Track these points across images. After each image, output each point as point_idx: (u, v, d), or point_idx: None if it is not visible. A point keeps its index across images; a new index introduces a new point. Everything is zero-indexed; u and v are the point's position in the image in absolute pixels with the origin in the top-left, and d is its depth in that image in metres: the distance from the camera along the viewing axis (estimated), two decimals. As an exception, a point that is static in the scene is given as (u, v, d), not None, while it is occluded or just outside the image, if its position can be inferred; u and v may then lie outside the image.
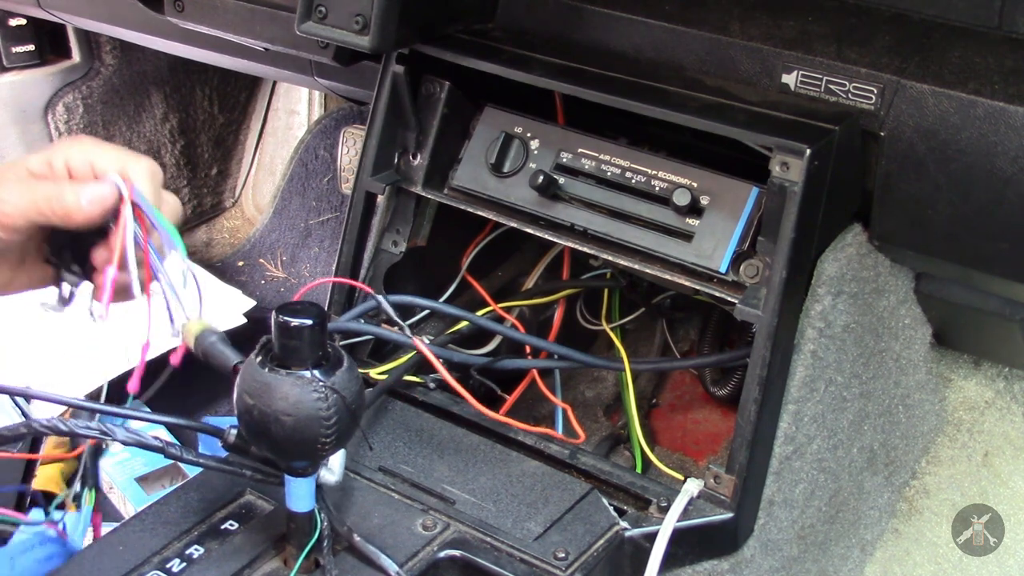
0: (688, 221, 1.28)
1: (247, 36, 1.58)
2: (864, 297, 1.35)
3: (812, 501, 1.38)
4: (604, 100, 1.28)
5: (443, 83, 1.41)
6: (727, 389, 1.70)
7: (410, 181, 1.44)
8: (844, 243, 1.30)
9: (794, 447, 1.31)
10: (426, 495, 1.21)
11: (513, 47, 1.38)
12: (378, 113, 1.42)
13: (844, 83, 1.24)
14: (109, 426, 1.00)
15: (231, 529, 1.13)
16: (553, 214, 1.35)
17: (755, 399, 1.23)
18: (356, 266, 1.46)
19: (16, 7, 2.16)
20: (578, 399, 1.75)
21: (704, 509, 1.24)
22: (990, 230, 1.23)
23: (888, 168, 1.25)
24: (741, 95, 1.28)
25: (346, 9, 1.29)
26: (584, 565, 1.15)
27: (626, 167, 1.33)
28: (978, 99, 1.17)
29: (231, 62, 1.91)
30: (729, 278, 1.26)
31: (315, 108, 2.56)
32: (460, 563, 1.15)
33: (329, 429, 0.96)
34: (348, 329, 1.38)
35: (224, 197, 2.72)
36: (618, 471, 1.28)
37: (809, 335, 1.27)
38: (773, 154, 1.19)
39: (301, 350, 0.96)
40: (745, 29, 1.30)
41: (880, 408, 1.48)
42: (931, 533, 1.64)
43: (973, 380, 1.67)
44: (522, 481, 1.25)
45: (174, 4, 1.59)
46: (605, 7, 1.37)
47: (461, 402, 1.35)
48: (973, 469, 1.65)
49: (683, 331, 1.83)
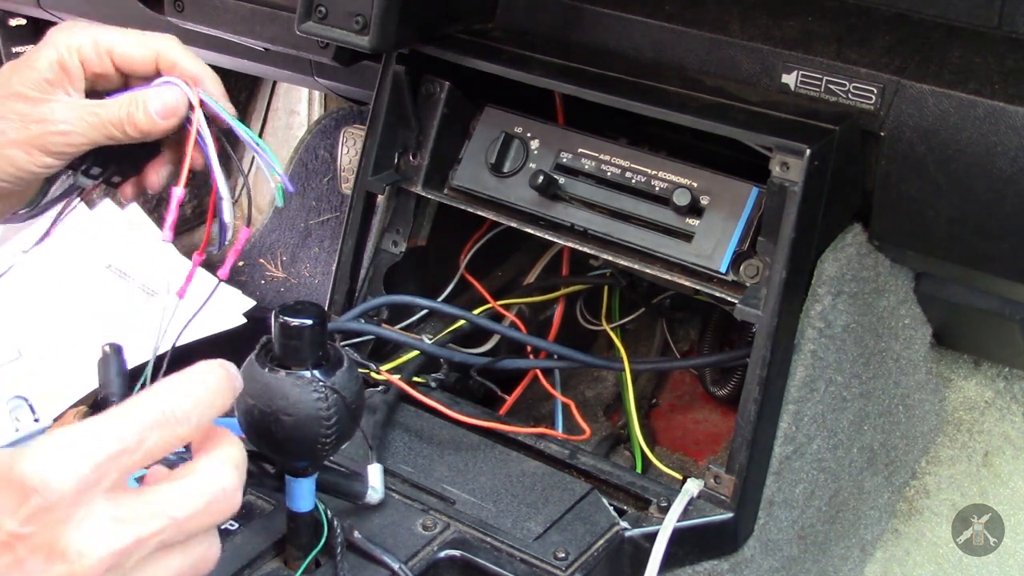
0: (688, 221, 1.28)
1: (247, 36, 1.58)
2: (864, 297, 1.35)
3: (812, 501, 1.38)
4: (604, 100, 1.28)
5: (443, 83, 1.41)
6: (727, 389, 1.70)
7: (410, 181, 1.44)
8: (844, 243, 1.30)
9: (794, 447, 1.31)
10: (426, 495, 1.21)
11: (513, 47, 1.38)
12: (378, 113, 1.42)
13: (844, 83, 1.24)
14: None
15: (231, 529, 1.13)
16: (553, 214, 1.35)
17: (755, 399, 1.23)
18: (356, 266, 1.46)
19: (16, 7, 2.16)
20: (578, 399, 1.75)
21: (704, 509, 1.24)
22: (990, 230, 1.23)
23: (888, 168, 1.25)
24: (741, 95, 1.28)
25: (346, 9, 1.29)
26: (584, 565, 1.15)
27: (626, 167, 1.33)
28: (978, 99, 1.17)
29: (231, 62, 1.90)
30: (729, 278, 1.26)
31: (315, 108, 2.56)
32: (460, 563, 1.15)
33: (329, 429, 0.96)
34: (348, 329, 1.38)
35: (224, 197, 2.71)
36: (618, 471, 1.28)
37: (809, 335, 1.27)
38: (773, 154, 1.19)
39: (301, 350, 0.96)
40: (745, 29, 1.30)
41: (880, 408, 1.48)
42: (931, 533, 1.64)
43: (973, 380, 1.67)
44: (522, 481, 1.25)
45: (174, 4, 1.59)
46: (605, 7, 1.37)
47: (461, 402, 1.35)
48: (973, 469, 1.65)
49: (683, 331, 1.83)
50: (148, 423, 0.73)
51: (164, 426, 0.73)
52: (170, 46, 1.05)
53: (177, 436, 0.74)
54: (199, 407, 0.75)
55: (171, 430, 0.74)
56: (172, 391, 0.75)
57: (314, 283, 2.41)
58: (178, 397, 0.75)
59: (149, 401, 0.74)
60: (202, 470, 0.76)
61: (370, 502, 1.16)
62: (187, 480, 0.75)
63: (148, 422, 0.73)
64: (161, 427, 0.73)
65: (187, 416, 0.74)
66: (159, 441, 0.73)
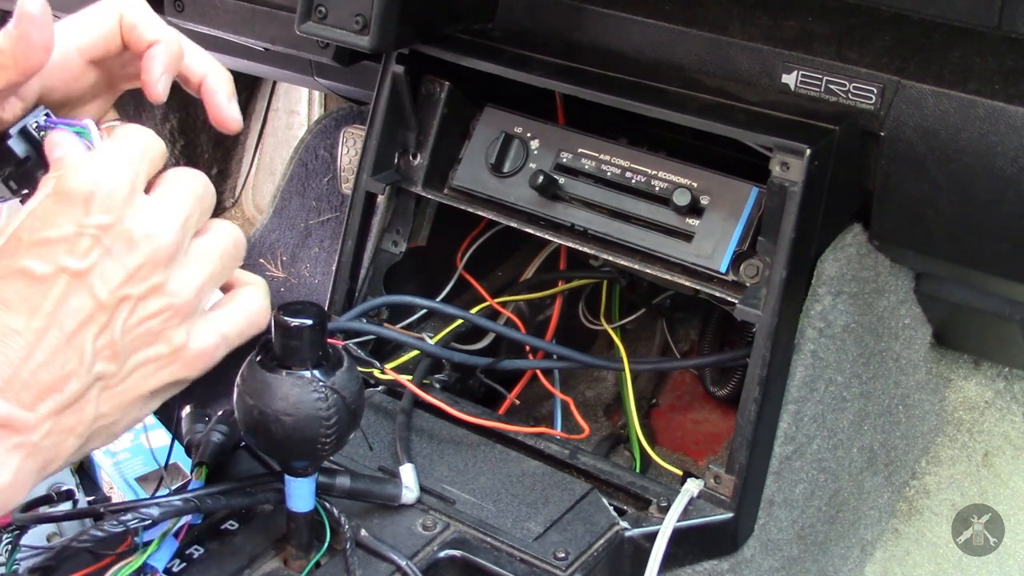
0: (688, 221, 1.28)
1: (247, 36, 1.58)
2: (864, 297, 1.35)
3: (812, 501, 1.38)
4: (604, 100, 1.28)
5: (443, 83, 1.41)
6: (727, 389, 1.70)
7: (410, 181, 1.44)
8: (844, 243, 1.30)
9: (794, 447, 1.31)
10: (426, 495, 1.21)
11: (513, 47, 1.38)
12: (378, 113, 1.42)
13: (844, 83, 1.24)
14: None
15: (231, 529, 1.13)
16: (553, 214, 1.35)
17: (755, 399, 1.23)
18: (356, 266, 1.46)
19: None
20: (578, 399, 1.75)
21: (704, 509, 1.24)
22: (990, 230, 1.23)
23: (888, 168, 1.25)
24: (741, 95, 1.28)
25: (346, 9, 1.29)
26: (584, 565, 1.15)
27: (626, 167, 1.33)
28: (978, 99, 1.17)
29: (231, 62, 1.90)
30: (729, 278, 1.26)
31: (315, 108, 2.56)
32: (460, 563, 1.15)
33: (329, 429, 0.96)
34: (349, 329, 1.38)
35: (224, 197, 2.72)
36: (618, 471, 1.28)
37: (809, 335, 1.27)
38: (773, 154, 1.19)
39: (301, 350, 0.96)
40: (745, 29, 1.30)
41: (880, 408, 1.48)
42: (931, 533, 1.64)
43: (973, 380, 1.67)
44: (522, 481, 1.25)
45: (174, 4, 1.59)
46: (605, 7, 1.37)
47: (461, 402, 1.35)
48: (973, 469, 1.65)
49: (683, 331, 1.83)
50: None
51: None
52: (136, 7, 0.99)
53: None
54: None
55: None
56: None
57: (314, 283, 2.41)
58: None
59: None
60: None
61: (406, 502, 1.17)
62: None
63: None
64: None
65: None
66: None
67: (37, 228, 0.81)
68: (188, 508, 1.04)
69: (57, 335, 0.80)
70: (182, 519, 1.08)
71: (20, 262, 0.81)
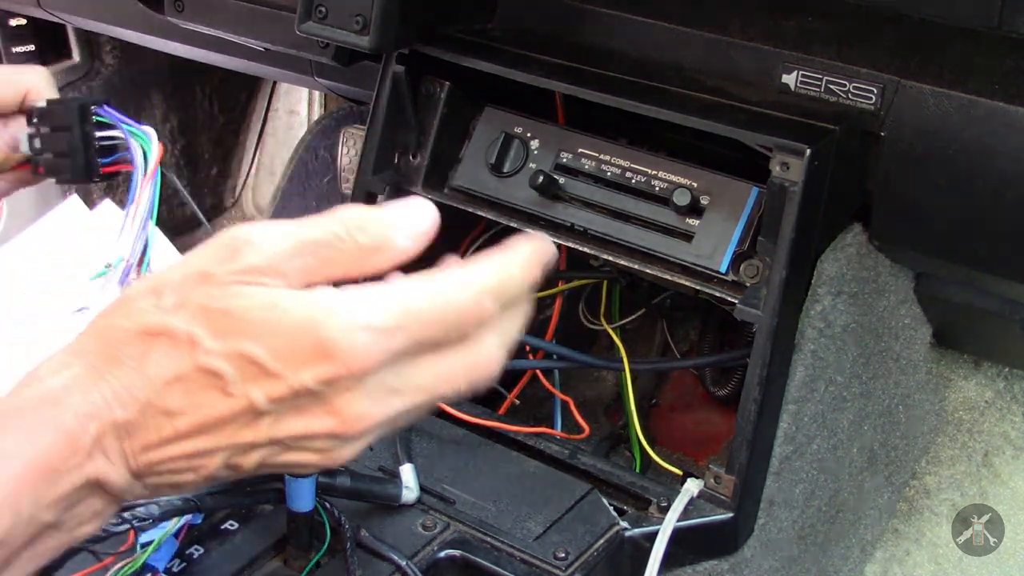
0: (688, 221, 1.28)
1: (247, 36, 1.58)
2: (864, 297, 1.35)
3: (812, 501, 1.38)
4: (604, 100, 1.28)
5: (443, 83, 1.41)
6: (727, 389, 1.70)
7: (410, 181, 1.44)
8: (844, 243, 1.30)
9: (794, 447, 1.31)
10: (426, 495, 1.21)
11: (513, 47, 1.38)
12: (378, 113, 1.42)
13: (844, 83, 1.24)
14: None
15: (231, 529, 1.13)
16: (553, 214, 1.35)
17: (755, 399, 1.23)
18: (356, 266, 1.46)
19: (16, 7, 2.15)
20: (578, 399, 1.75)
21: (704, 509, 1.24)
22: (990, 230, 1.23)
23: (888, 168, 1.25)
24: (741, 95, 1.28)
25: (346, 9, 1.29)
26: (584, 565, 1.15)
27: (626, 167, 1.33)
28: (978, 99, 1.17)
29: (231, 62, 1.91)
30: (729, 278, 1.26)
31: (315, 108, 2.56)
32: (460, 563, 1.15)
33: (329, 429, 0.96)
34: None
35: (224, 197, 2.72)
36: (618, 471, 1.28)
37: (809, 335, 1.27)
38: (773, 154, 1.19)
39: (301, 350, 0.96)
40: (745, 29, 1.30)
41: (880, 408, 1.48)
42: (931, 533, 1.64)
43: (973, 380, 1.67)
44: (522, 481, 1.25)
45: (174, 4, 1.58)
46: (605, 7, 1.37)
47: (461, 402, 1.35)
48: (973, 469, 1.65)
49: (683, 331, 1.83)
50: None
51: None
52: (38, 81, 1.01)
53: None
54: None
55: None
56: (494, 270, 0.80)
57: (314, 283, 2.41)
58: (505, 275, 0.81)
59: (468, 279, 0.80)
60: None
61: (407, 502, 1.17)
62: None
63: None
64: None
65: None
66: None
67: (281, 350, 0.72)
68: (188, 508, 1.04)
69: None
70: (182, 519, 1.08)
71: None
